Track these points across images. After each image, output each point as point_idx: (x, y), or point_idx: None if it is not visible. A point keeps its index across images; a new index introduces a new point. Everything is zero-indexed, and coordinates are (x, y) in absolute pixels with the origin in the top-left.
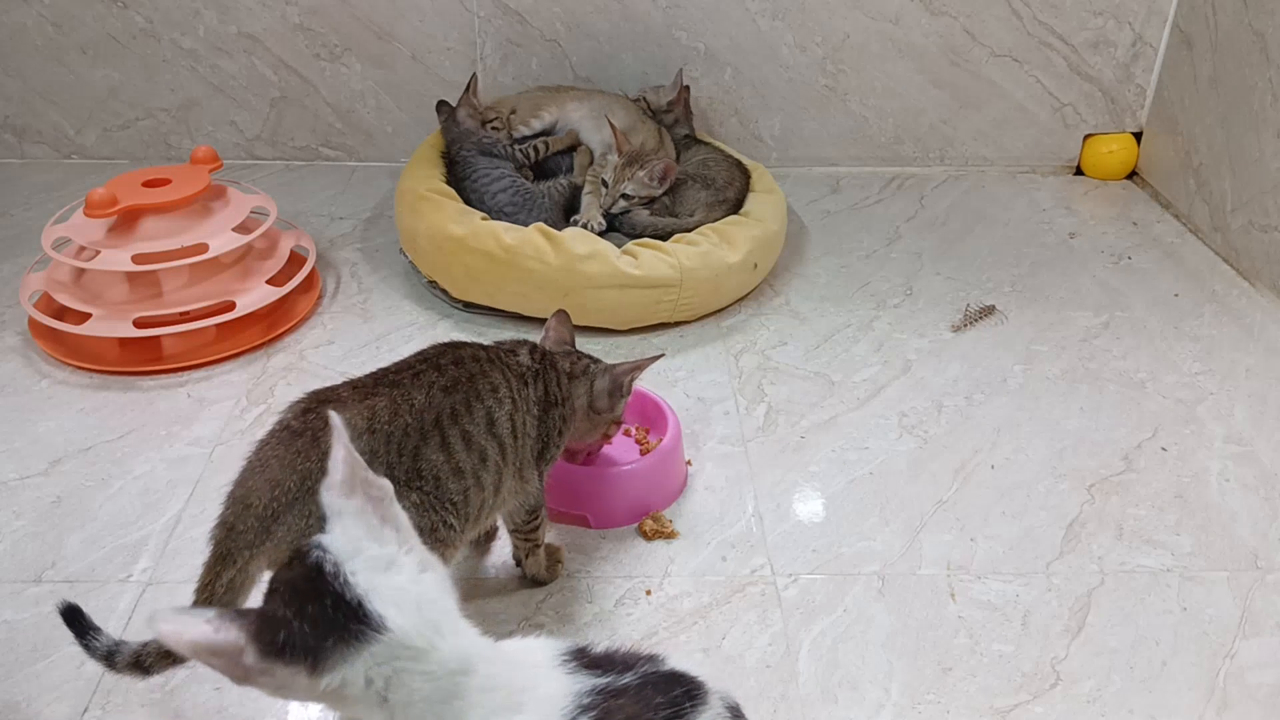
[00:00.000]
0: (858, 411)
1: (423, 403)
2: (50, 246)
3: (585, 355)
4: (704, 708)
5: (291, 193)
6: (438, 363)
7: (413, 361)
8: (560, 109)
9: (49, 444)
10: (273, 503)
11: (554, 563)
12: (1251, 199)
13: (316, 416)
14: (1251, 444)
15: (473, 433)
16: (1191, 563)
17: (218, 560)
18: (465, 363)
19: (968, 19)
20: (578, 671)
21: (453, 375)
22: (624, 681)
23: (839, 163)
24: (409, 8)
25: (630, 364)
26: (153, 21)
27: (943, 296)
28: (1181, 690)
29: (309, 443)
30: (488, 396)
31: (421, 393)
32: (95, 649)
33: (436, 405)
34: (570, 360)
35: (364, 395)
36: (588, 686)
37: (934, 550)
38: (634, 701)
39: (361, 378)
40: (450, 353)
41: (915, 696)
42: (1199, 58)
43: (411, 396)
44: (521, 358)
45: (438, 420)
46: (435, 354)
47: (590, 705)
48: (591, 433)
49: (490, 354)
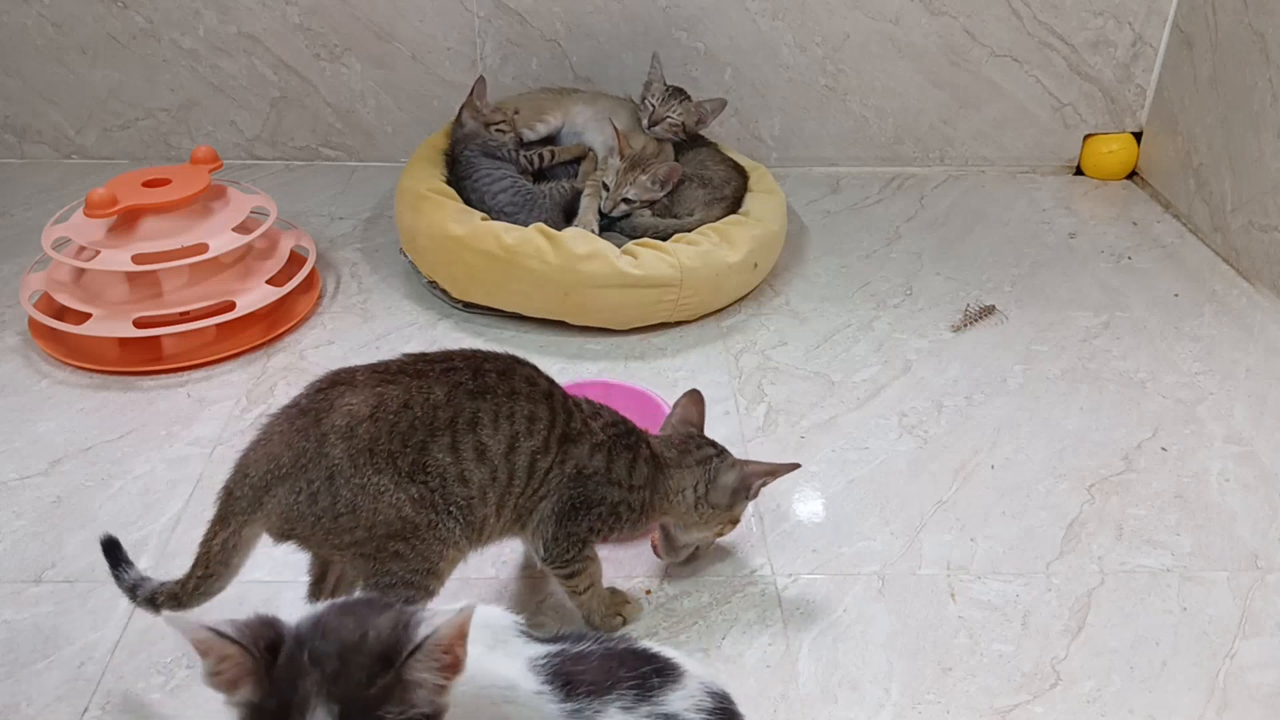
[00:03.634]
0: (858, 411)
1: (440, 399)
2: (50, 246)
3: (708, 443)
4: (675, 688)
5: (291, 193)
6: (480, 365)
7: (454, 355)
8: (565, 113)
9: (49, 444)
10: (267, 475)
11: (611, 613)
12: (1251, 199)
13: (325, 398)
14: (1251, 444)
15: (489, 447)
16: (1191, 563)
17: (217, 520)
18: (513, 378)
19: (968, 19)
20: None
21: (489, 383)
22: (582, 649)
23: (839, 163)
24: (409, 8)
25: (766, 466)
26: (153, 21)
27: (943, 296)
28: (1181, 690)
29: (310, 422)
30: (520, 422)
31: (443, 389)
32: (123, 580)
33: (456, 405)
34: (680, 448)
35: (380, 380)
36: (543, 652)
37: (934, 550)
38: (597, 669)
39: (390, 361)
40: (503, 365)
41: (915, 696)
42: (1199, 58)
43: (430, 390)
44: (594, 423)
45: (453, 421)
46: (482, 359)
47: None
48: (701, 527)
49: (555, 392)
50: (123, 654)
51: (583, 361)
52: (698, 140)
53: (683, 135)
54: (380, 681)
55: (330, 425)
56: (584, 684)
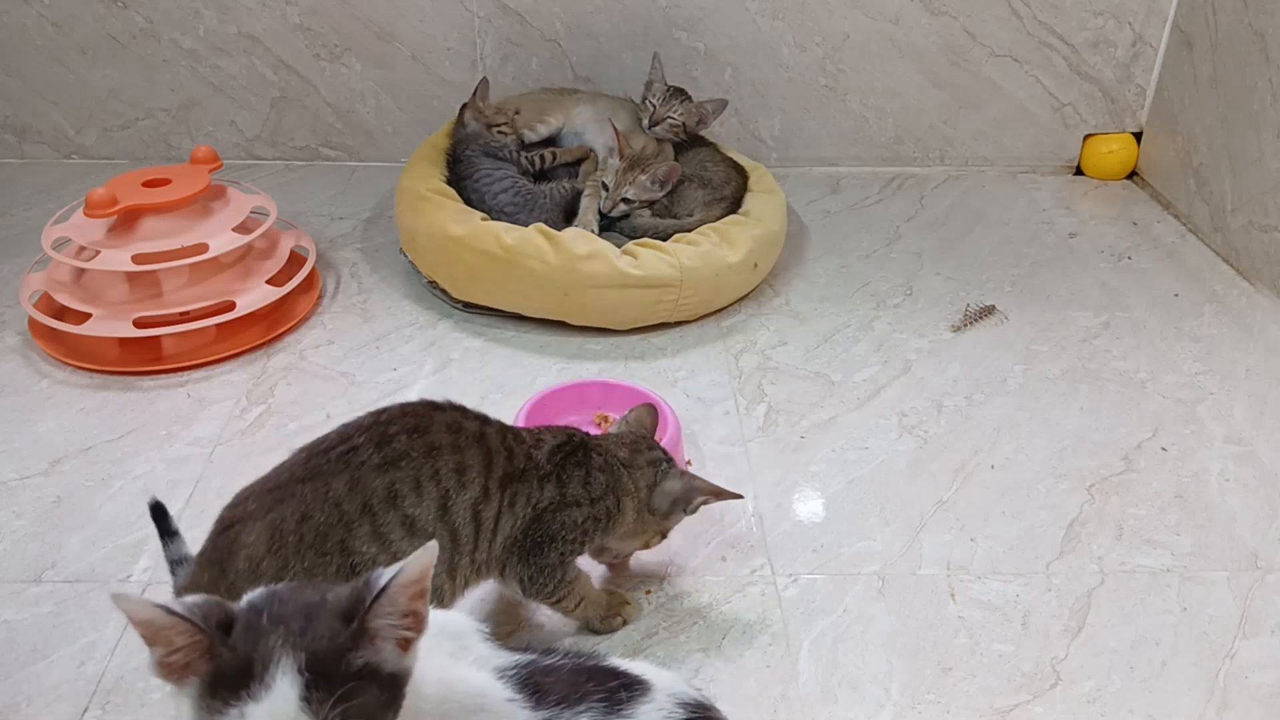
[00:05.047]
0: (858, 411)
1: (342, 491)
2: (50, 246)
3: (657, 446)
4: (644, 701)
5: (291, 193)
6: (384, 433)
7: (353, 431)
8: (565, 114)
9: (49, 444)
10: None
11: (611, 614)
12: (1251, 199)
13: (226, 542)
14: (1251, 444)
15: (417, 517)
16: (1191, 563)
17: None
18: (430, 432)
19: (968, 19)
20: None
21: (398, 450)
22: (551, 661)
23: (839, 163)
24: (409, 8)
25: (711, 486)
26: (153, 21)
27: (943, 296)
28: (1181, 690)
29: (218, 574)
30: (448, 478)
31: (343, 479)
32: (169, 551)
33: (364, 489)
34: (631, 448)
35: (273, 503)
36: (511, 661)
37: (934, 550)
38: (566, 682)
39: (283, 466)
40: (414, 421)
41: (915, 696)
42: (1199, 58)
43: (328, 487)
44: (539, 453)
45: (366, 507)
46: (388, 423)
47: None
48: (632, 536)
49: (488, 431)
50: (123, 654)
51: (583, 361)
52: (698, 140)
53: (683, 135)
54: (345, 631)
55: (235, 573)
56: (554, 694)
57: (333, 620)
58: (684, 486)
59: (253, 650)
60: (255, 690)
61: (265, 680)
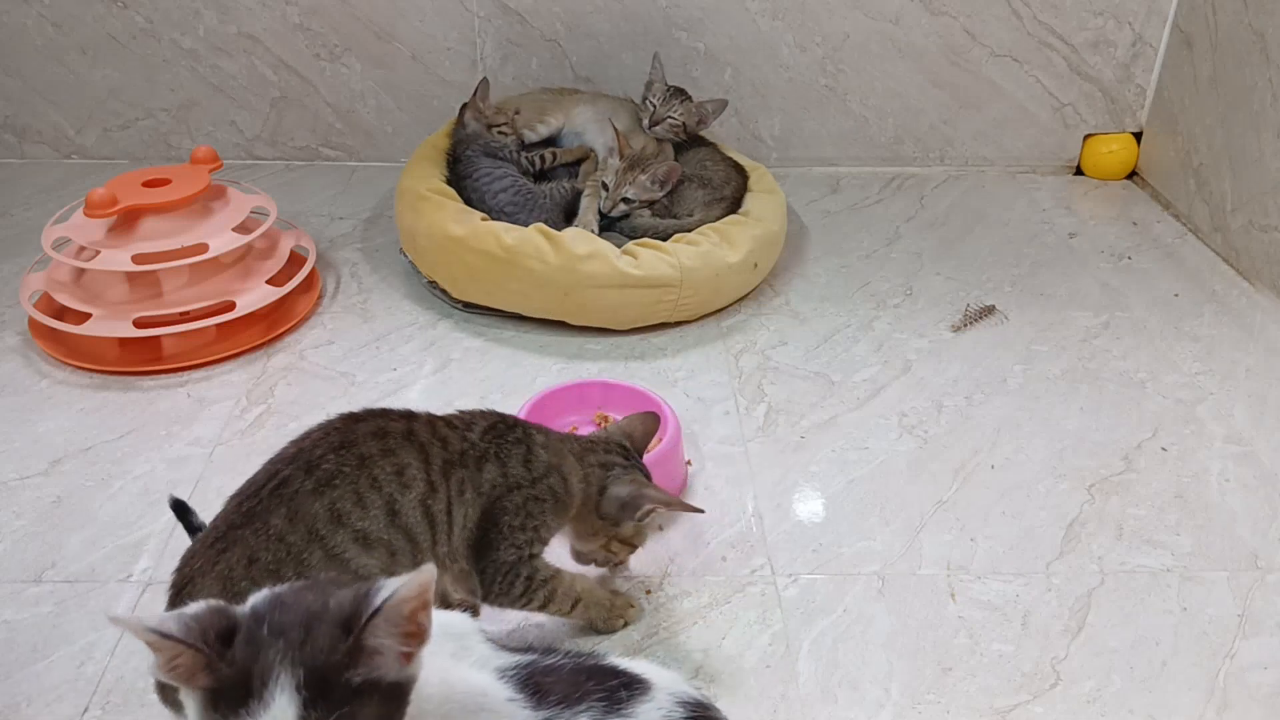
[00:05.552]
0: (858, 411)
1: (282, 525)
2: (50, 246)
3: (619, 452)
4: (644, 700)
5: (291, 193)
6: (310, 458)
7: (279, 463)
8: (565, 114)
9: (49, 444)
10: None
11: (615, 616)
12: (1251, 199)
13: (180, 600)
14: (1251, 444)
15: (369, 530)
16: (1191, 563)
17: None
18: (357, 445)
19: (968, 19)
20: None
21: (330, 469)
22: (552, 661)
23: (839, 163)
24: (409, 8)
25: (664, 496)
26: (153, 21)
27: (943, 296)
28: (1181, 690)
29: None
30: (388, 483)
31: (280, 513)
32: None
33: (305, 517)
34: (587, 444)
35: (217, 555)
36: (512, 662)
37: (934, 550)
38: (566, 682)
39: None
40: (338, 438)
41: (915, 696)
42: (1199, 58)
43: (267, 525)
44: (472, 434)
45: (311, 533)
46: (312, 446)
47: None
48: (589, 538)
49: (415, 427)
50: (123, 654)
51: (583, 361)
52: (698, 140)
53: (684, 135)
54: (342, 647)
55: None
56: (554, 694)
57: (333, 630)
58: (631, 492)
59: (252, 664)
60: (254, 708)
61: (264, 698)
